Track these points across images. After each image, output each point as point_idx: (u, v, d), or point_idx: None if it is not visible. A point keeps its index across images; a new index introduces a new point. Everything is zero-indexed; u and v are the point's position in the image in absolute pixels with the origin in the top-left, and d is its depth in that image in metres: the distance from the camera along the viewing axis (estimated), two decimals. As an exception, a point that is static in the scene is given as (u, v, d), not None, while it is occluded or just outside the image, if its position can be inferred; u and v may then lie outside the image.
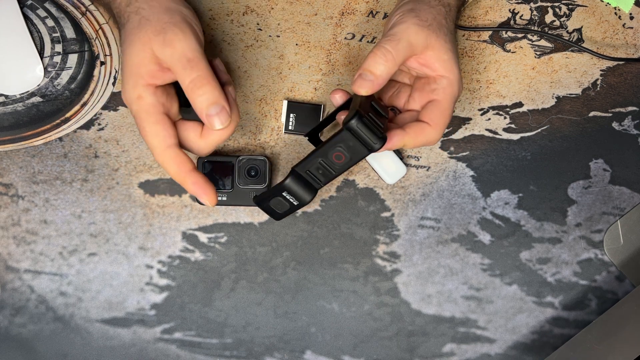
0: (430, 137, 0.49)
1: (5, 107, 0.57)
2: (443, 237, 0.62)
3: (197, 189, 0.46)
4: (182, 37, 0.44)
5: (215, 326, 0.62)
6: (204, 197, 0.46)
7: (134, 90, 0.45)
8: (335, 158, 0.48)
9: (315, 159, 0.49)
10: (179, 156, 0.45)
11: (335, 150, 0.48)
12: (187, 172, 0.45)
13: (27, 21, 0.56)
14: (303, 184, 0.50)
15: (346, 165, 0.49)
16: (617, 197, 0.62)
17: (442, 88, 0.49)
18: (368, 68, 0.47)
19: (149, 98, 0.45)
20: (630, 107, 0.60)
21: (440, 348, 0.63)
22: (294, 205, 0.51)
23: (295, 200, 0.50)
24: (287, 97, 0.59)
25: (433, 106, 0.49)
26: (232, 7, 0.57)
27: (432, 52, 0.48)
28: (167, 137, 0.45)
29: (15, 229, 0.59)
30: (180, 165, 0.45)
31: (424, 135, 0.49)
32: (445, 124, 0.50)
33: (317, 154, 0.48)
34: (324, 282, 0.62)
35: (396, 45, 0.47)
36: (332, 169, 0.49)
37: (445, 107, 0.49)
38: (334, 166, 0.49)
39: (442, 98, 0.49)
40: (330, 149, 0.48)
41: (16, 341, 0.61)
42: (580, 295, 0.63)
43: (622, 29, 0.59)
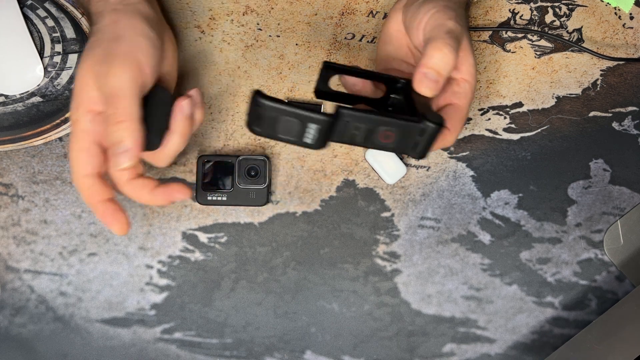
0: (447, 141, 0.48)
1: (5, 107, 0.57)
2: (443, 237, 0.62)
3: (104, 219, 0.45)
4: (114, 72, 0.43)
5: (215, 326, 0.62)
6: (112, 227, 0.45)
7: (74, 112, 0.44)
8: (382, 136, 0.43)
9: (367, 121, 0.42)
10: (94, 186, 0.45)
11: (390, 130, 0.43)
12: (98, 201, 0.45)
13: (27, 21, 0.55)
14: (327, 129, 0.42)
15: (382, 146, 0.43)
16: (617, 197, 0.62)
17: (464, 92, 0.47)
18: (434, 67, 0.43)
19: (84, 124, 0.44)
20: (630, 107, 0.60)
21: (440, 348, 0.63)
22: (302, 141, 0.43)
23: (310, 139, 0.42)
24: (287, 97, 0.59)
25: (453, 110, 0.47)
26: (232, 7, 0.57)
27: (462, 54, 0.46)
28: (87, 166, 0.44)
29: (15, 229, 0.59)
30: (94, 195, 0.45)
31: (442, 140, 0.47)
32: (461, 128, 0.48)
33: (372, 118, 0.42)
34: (324, 282, 0.62)
35: (456, 42, 0.44)
36: (367, 140, 0.43)
37: (464, 113, 0.48)
38: (372, 139, 0.43)
39: (462, 103, 0.47)
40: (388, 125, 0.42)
41: (16, 341, 0.61)
42: (580, 295, 0.63)
43: (622, 29, 0.59)
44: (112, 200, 0.46)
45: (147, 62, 0.45)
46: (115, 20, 0.45)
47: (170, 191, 0.46)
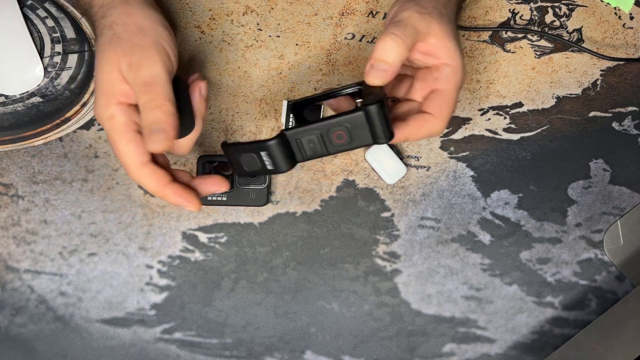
0: (434, 129, 0.47)
1: (5, 107, 0.57)
2: (443, 237, 0.62)
3: (180, 200, 0.45)
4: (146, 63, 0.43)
5: (215, 326, 0.62)
6: (188, 206, 0.46)
7: (105, 109, 0.44)
8: (335, 137, 0.45)
9: (313, 131, 0.45)
10: (155, 172, 0.45)
11: (339, 129, 0.44)
12: (165, 185, 0.45)
13: (27, 21, 0.55)
14: (286, 151, 0.45)
15: (341, 148, 0.45)
16: (617, 197, 0.62)
17: (445, 77, 0.47)
18: (380, 57, 0.45)
19: (121, 117, 0.44)
20: (630, 107, 0.60)
21: (440, 348, 0.63)
22: (267, 169, 0.46)
23: (270, 165, 0.46)
24: (287, 97, 0.59)
25: (437, 96, 0.48)
26: (232, 7, 0.57)
27: (435, 39, 0.47)
28: (140, 154, 0.45)
29: (15, 229, 0.59)
30: (158, 180, 0.45)
31: (427, 127, 0.47)
32: (449, 114, 0.48)
33: (316, 126, 0.45)
34: (324, 282, 0.62)
35: (404, 30, 0.45)
36: (325, 147, 0.45)
37: (449, 97, 0.47)
38: (329, 145, 0.45)
39: (445, 87, 0.47)
40: (335, 126, 0.44)
41: (16, 341, 0.61)
42: (580, 295, 0.63)
43: (622, 29, 0.59)
44: (175, 181, 0.46)
45: (171, 50, 0.45)
46: (128, 12, 0.45)
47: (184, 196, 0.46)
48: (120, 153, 0.45)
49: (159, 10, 0.48)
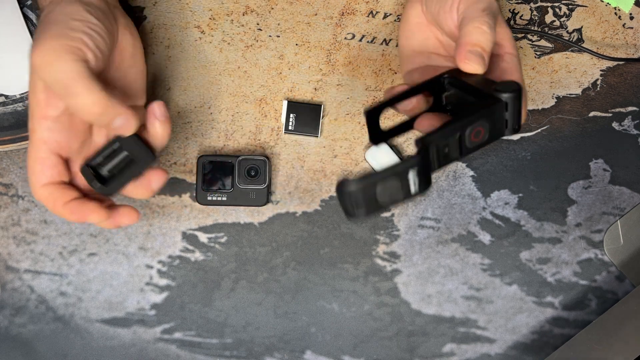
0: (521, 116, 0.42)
1: (5, 107, 0.57)
2: (443, 237, 0.62)
3: (78, 218, 0.43)
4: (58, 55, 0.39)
5: (215, 326, 0.62)
6: (91, 219, 0.43)
7: (29, 121, 0.42)
8: (474, 135, 0.39)
9: (454, 132, 0.39)
10: (52, 194, 0.43)
11: (478, 125, 0.39)
12: (61, 207, 0.43)
13: (27, 21, 0.55)
14: (424, 166, 0.38)
15: (476, 146, 0.40)
16: (617, 197, 0.62)
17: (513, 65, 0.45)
18: (478, 44, 0.42)
19: (40, 133, 0.42)
20: (630, 107, 0.60)
21: (440, 348, 0.63)
22: (411, 194, 0.38)
23: (415, 187, 0.38)
24: (287, 97, 0.59)
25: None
26: (232, 7, 0.57)
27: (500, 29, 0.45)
28: (42, 176, 0.42)
29: (15, 229, 0.59)
30: (55, 201, 0.43)
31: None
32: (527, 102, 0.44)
33: (456, 126, 0.39)
34: (324, 282, 0.62)
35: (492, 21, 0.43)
36: (459, 150, 0.40)
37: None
38: (464, 146, 0.39)
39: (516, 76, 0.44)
40: (473, 122, 0.39)
41: (16, 341, 0.61)
42: (580, 295, 0.63)
43: (622, 29, 0.59)
44: (77, 198, 0.43)
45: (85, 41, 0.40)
46: (50, 10, 0.42)
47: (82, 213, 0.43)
48: (27, 168, 0.43)
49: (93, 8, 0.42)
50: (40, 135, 0.42)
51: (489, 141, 0.40)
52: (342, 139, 0.59)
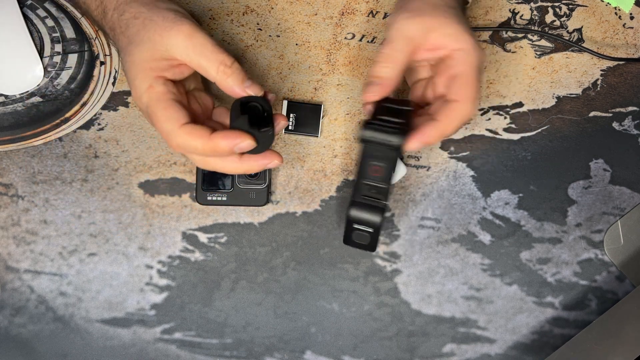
0: (463, 113, 0.47)
1: (5, 107, 0.57)
2: (443, 237, 0.62)
3: (231, 141, 0.45)
4: (195, 31, 0.45)
5: (215, 326, 0.62)
6: (244, 144, 0.45)
7: (143, 82, 0.45)
8: (374, 173, 0.49)
9: (360, 184, 0.50)
10: (195, 128, 0.45)
11: (369, 165, 0.49)
12: (209, 136, 0.45)
13: (27, 21, 0.55)
14: (367, 209, 0.51)
15: (388, 173, 0.49)
16: (617, 197, 0.62)
17: (458, 60, 0.47)
18: (373, 74, 0.48)
19: (160, 87, 0.45)
20: (631, 107, 0.60)
21: (440, 348, 0.63)
22: (370, 231, 0.52)
23: (368, 227, 0.52)
24: (287, 97, 0.59)
25: (456, 81, 0.47)
26: (232, 7, 0.56)
27: (434, 34, 0.47)
28: (180, 117, 0.45)
29: (15, 229, 0.59)
30: (201, 134, 0.45)
31: (456, 114, 0.47)
32: (473, 95, 0.47)
33: (359, 179, 0.50)
34: (324, 282, 0.62)
35: (393, 46, 0.47)
36: (379, 183, 0.50)
37: (468, 77, 0.47)
38: (378, 180, 0.50)
39: (462, 70, 0.47)
40: (364, 167, 0.49)
41: (16, 341, 0.61)
42: (580, 295, 0.63)
43: (622, 29, 0.59)
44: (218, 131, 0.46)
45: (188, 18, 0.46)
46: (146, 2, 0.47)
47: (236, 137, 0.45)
48: (159, 120, 0.45)
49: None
50: (161, 89, 0.46)
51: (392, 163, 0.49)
52: (342, 139, 0.59)
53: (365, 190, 0.50)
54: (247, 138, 0.45)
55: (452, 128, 0.47)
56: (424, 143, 0.47)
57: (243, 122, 0.46)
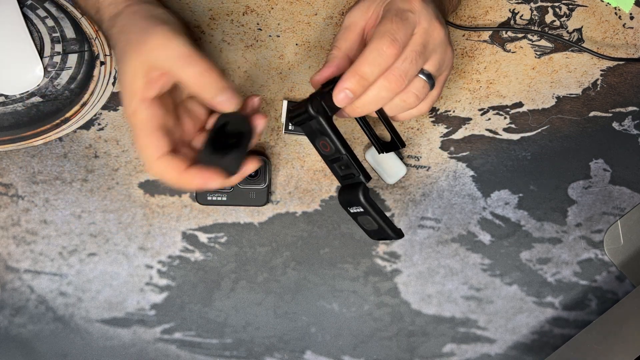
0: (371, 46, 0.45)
1: (5, 107, 0.57)
2: (443, 237, 0.62)
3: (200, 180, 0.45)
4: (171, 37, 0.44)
5: (215, 326, 0.62)
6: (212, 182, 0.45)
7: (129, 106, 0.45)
8: (323, 147, 0.48)
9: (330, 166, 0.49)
10: (173, 161, 0.45)
11: (317, 145, 0.48)
12: (182, 172, 0.45)
13: (27, 21, 0.55)
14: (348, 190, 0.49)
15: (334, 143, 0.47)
16: (617, 197, 0.62)
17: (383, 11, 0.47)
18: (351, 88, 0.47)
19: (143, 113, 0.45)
20: (631, 107, 0.60)
21: (440, 348, 0.63)
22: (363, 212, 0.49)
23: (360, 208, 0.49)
24: (287, 97, 0.59)
25: None
26: (232, 7, 0.56)
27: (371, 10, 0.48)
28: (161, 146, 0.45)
29: (15, 229, 0.59)
30: (178, 169, 0.45)
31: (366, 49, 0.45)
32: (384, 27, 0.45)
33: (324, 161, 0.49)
34: (324, 282, 0.62)
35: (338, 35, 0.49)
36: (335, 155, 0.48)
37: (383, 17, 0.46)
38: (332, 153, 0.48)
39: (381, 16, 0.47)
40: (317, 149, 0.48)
41: (16, 341, 0.61)
42: (580, 295, 0.63)
43: (622, 29, 0.59)
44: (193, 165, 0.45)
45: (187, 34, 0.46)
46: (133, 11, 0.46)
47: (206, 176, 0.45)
48: (139, 147, 0.45)
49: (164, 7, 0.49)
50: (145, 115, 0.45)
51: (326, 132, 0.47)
52: (342, 139, 0.59)
53: (338, 170, 0.49)
54: (218, 178, 0.45)
55: (364, 66, 0.45)
56: (345, 89, 0.45)
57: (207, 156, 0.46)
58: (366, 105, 0.47)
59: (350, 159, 0.47)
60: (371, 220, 0.49)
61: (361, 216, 0.49)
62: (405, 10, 0.46)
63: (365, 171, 0.48)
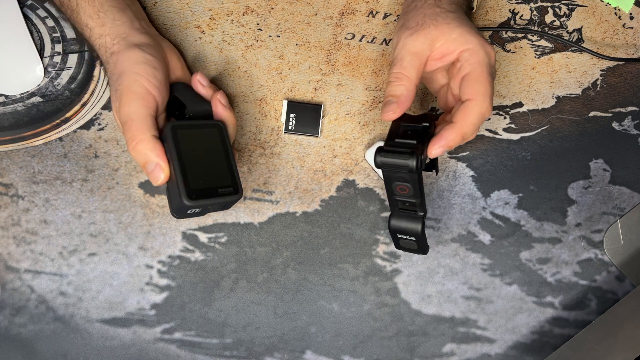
0: (477, 110, 0.47)
1: (5, 107, 0.57)
2: (443, 237, 0.62)
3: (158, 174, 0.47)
4: (124, 104, 0.47)
5: (215, 326, 0.62)
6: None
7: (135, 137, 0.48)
8: (400, 191, 0.51)
9: (393, 199, 0.52)
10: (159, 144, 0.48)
11: (395, 186, 0.51)
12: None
13: (27, 21, 0.55)
14: (406, 219, 0.53)
15: (415, 190, 0.50)
16: (617, 197, 0.62)
17: (466, 59, 0.48)
18: (388, 94, 0.49)
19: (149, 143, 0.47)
20: (630, 107, 0.60)
21: (440, 348, 0.63)
22: (412, 240, 0.54)
23: (410, 236, 0.54)
24: (287, 97, 0.59)
25: (466, 80, 0.48)
26: (232, 7, 0.57)
27: (439, 42, 0.48)
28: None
29: (15, 229, 0.59)
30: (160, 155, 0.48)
31: (470, 111, 0.47)
32: (487, 90, 0.47)
33: (389, 196, 0.52)
34: (324, 282, 0.62)
35: (401, 64, 0.49)
36: (410, 199, 0.51)
37: (478, 74, 0.48)
38: (408, 196, 0.51)
39: (471, 68, 0.48)
40: (390, 188, 0.51)
41: (16, 341, 0.61)
42: (580, 295, 0.63)
43: (622, 29, 0.59)
44: None
45: (151, 83, 0.48)
46: (115, 60, 0.49)
47: None
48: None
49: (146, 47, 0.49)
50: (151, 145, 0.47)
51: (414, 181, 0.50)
52: (342, 138, 0.59)
53: (400, 204, 0.52)
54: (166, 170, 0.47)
55: (469, 126, 0.47)
56: (445, 147, 0.47)
57: None
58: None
59: (424, 202, 0.52)
60: (414, 243, 0.55)
61: (405, 240, 0.55)
62: (493, 67, 0.49)
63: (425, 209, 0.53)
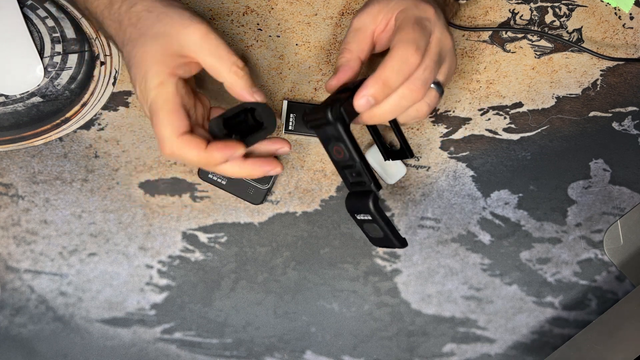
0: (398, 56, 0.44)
1: (5, 107, 0.57)
2: (443, 237, 0.62)
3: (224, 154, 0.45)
4: (212, 30, 0.46)
5: (215, 326, 0.62)
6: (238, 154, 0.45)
7: (156, 77, 0.45)
8: (337, 154, 0.47)
9: (339, 172, 0.49)
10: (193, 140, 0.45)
11: (332, 149, 0.48)
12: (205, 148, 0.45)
13: (27, 21, 0.55)
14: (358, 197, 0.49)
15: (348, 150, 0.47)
16: (617, 197, 0.62)
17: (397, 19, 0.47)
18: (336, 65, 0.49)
19: (171, 87, 0.45)
20: (630, 107, 0.60)
21: (440, 348, 0.63)
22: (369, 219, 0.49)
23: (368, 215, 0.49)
24: (287, 97, 0.59)
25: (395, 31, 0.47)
26: (232, 7, 0.57)
27: (381, 15, 0.48)
28: (181, 126, 0.45)
29: (15, 229, 0.59)
30: (198, 146, 0.45)
31: (389, 58, 0.45)
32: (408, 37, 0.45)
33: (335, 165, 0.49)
34: (324, 282, 0.62)
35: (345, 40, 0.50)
36: (348, 162, 0.48)
37: (402, 24, 0.46)
38: (347, 160, 0.47)
39: (398, 23, 0.47)
40: (330, 154, 0.48)
41: (16, 341, 0.61)
42: (580, 295, 0.63)
43: (622, 29, 0.59)
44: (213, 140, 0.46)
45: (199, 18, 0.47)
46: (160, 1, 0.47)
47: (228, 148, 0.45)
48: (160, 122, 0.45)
49: None
50: (172, 89, 0.45)
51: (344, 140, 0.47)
52: (342, 139, 0.59)
53: (348, 176, 0.49)
54: (240, 147, 0.45)
55: (388, 71, 0.45)
56: (368, 96, 0.45)
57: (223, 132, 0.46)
58: (385, 113, 0.47)
59: (363, 167, 0.47)
60: (378, 228, 0.48)
61: (367, 223, 0.49)
62: (423, 19, 0.47)
63: (377, 180, 0.48)
